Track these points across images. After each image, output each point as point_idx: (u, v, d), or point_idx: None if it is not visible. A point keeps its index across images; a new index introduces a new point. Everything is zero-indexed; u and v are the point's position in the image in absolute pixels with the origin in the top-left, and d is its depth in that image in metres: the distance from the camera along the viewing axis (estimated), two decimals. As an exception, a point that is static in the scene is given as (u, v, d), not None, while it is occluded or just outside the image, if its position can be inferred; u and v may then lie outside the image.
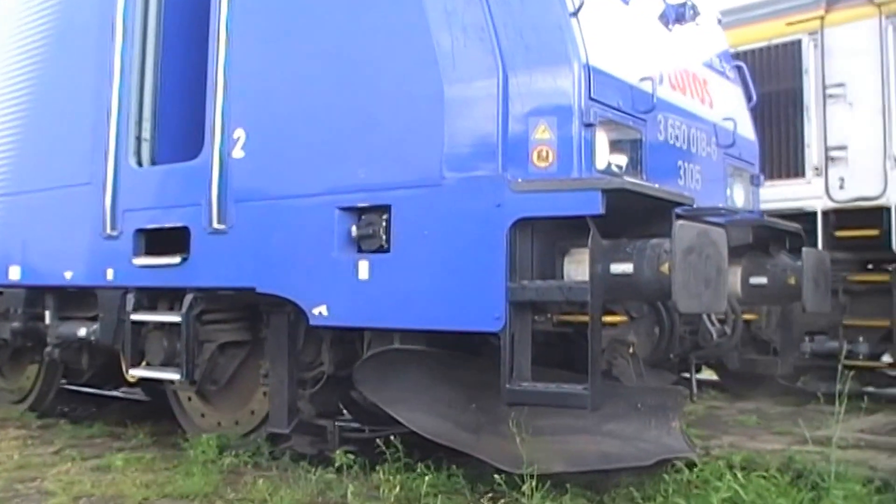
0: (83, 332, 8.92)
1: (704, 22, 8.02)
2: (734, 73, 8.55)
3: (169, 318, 8.00)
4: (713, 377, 13.13)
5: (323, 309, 6.85)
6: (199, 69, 7.92)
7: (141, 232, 8.22)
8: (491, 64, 6.25)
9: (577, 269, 6.23)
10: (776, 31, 12.05)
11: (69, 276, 8.89)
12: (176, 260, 7.82)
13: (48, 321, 9.52)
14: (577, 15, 6.32)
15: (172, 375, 7.91)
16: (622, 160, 6.59)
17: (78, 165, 8.86)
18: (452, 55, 6.39)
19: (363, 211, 6.74)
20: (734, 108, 8.21)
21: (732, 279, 7.27)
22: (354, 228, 6.76)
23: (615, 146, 6.49)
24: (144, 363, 8.21)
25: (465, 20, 6.38)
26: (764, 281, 7.35)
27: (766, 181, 9.49)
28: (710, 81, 7.84)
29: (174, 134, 8.49)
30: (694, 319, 7.31)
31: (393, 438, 6.79)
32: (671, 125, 7.08)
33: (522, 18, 6.37)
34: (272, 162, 7.33)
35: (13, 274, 9.63)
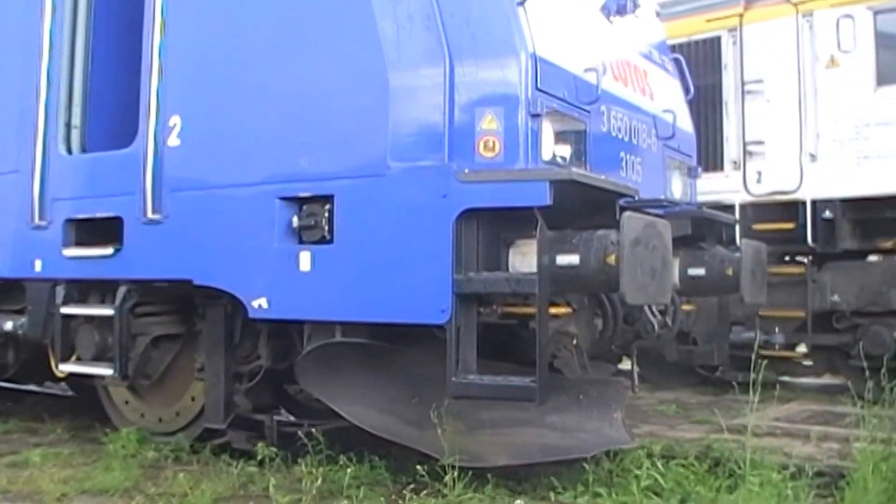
0: (9, 325, 8.46)
1: (644, 14, 7.88)
2: (672, 65, 8.39)
3: (101, 311, 7.62)
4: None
5: (263, 301, 6.59)
6: (132, 53, 7.56)
7: (71, 222, 7.81)
8: (437, 52, 6.05)
9: (522, 260, 6.12)
10: (697, 27, 12.04)
11: None
12: (108, 251, 7.45)
13: (-28, 314, 9.02)
14: (523, 4, 6.13)
15: (105, 371, 7.56)
16: (566, 151, 6.42)
17: (4, 153, 8.38)
18: (398, 43, 6.19)
19: (305, 201, 6.52)
20: (673, 100, 8.06)
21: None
22: (296, 219, 6.53)
23: (560, 137, 6.32)
24: (75, 358, 7.84)
25: (410, 7, 6.17)
26: (702, 272, 7.19)
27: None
28: (650, 73, 7.70)
29: (106, 120, 8.09)
30: (635, 310, 7.11)
31: (315, 431, 6.66)
32: (614, 116, 6.93)
33: (469, 7, 6.17)
34: (210, 150, 7.01)
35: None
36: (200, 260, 6.94)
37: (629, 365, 11.67)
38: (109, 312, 7.44)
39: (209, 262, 6.90)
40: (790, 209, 11.19)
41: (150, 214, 7.19)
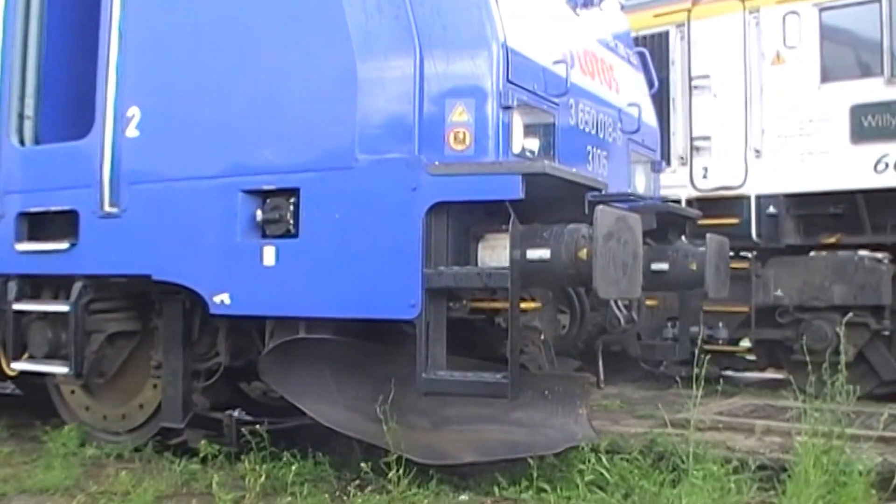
0: (-43, 322, 8.03)
1: (608, 7, 7.70)
2: (636, 59, 8.20)
3: (56, 307, 7.29)
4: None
5: (225, 297, 6.31)
6: (88, 41, 7.20)
7: (24, 215, 7.45)
8: (407, 42, 5.83)
9: (491, 254, 5.93)
10: (645, 22, 11.87)
11: None
12: (63, 245, 7.11)
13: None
14: (494, -6, 5.92)
15: (60, 369, 7.22)
16: (534, 144, 6.27)
17: None
18: (366, 32, 5.95)
19: (269, 194, 6.27)
20: (638, 93, 7.90)
21: (635, 265, 6.95)
22: (259, 213, 6.29)
23: (528, 130, 6.16)
24: (27, 356, 7.48)
25: (380, -4, 5.92)
26: (665, 267, 7.01)
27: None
28: (615, 67, 7.54)
29: (60, 111, 7.72)
30: (601, 305, 6.93)
31: (259, 427, 6.50)
32: (581, 109, 6.79)
33: (440, -4, 5.94)
34: (170, 142, 6.69)
35: None
36: (160, 254, 6.63)
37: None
38: (65, 309, 7.11)
39: (169, 256, 6.59)
40: (735, 204, 11.11)
41: (107, 208, 6.86)
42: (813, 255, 10.90)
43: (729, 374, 11.95)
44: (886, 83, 10.12)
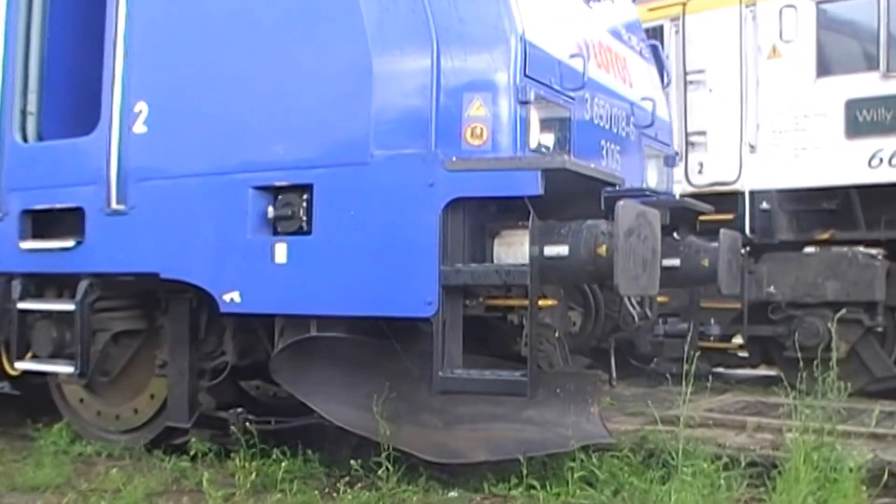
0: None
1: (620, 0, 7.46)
2: (649, 52, 7.98)
3: (61, 306, 7.04)
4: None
5: (235, 295, 6.11)
6: (92, 35, 6.95)
7: (28, 213, 7.21)
8: (423, 36, 5.61)
9: (507, 251, 5.77)
10: (639, 16, 11.59)
11: None
12: (69, 243, 6.86)
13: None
14: (512, -14, 5.74)
15: (66, 369, 6.98)
16: (550, 140, 6.04)
17: None
18: (382, 26, 5.74)
19: (281, 190, 6.06)
20: (651, 87, 7.71)
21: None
22: (271, 209, 6.09)
23: (544, 125, 5.94)
24: (31, 355, 7.25)
25: (394, -12, 5.74)
26: (677, 263, 6.80)
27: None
28: (628, 60, 7.33)
29: (63, 107, 7.46)
30: (615, 302, 6.75)
31: (249, 425, 6.47)
32: (596, 104, 6.57)
33: (456, -12, 5.76)
34: (178, 137, 6.46)
35: None
36: (168, 252, 6.42)
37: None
38: (70, 307, 6.88)
39: (177, 254, 6.38)
40: (730, 200, 10.83)
41: (114, 205, 6.63)
42: (806, 250, 10.75)
43: (720, 370, 11.79)
44: (882, 77, 9.95)
